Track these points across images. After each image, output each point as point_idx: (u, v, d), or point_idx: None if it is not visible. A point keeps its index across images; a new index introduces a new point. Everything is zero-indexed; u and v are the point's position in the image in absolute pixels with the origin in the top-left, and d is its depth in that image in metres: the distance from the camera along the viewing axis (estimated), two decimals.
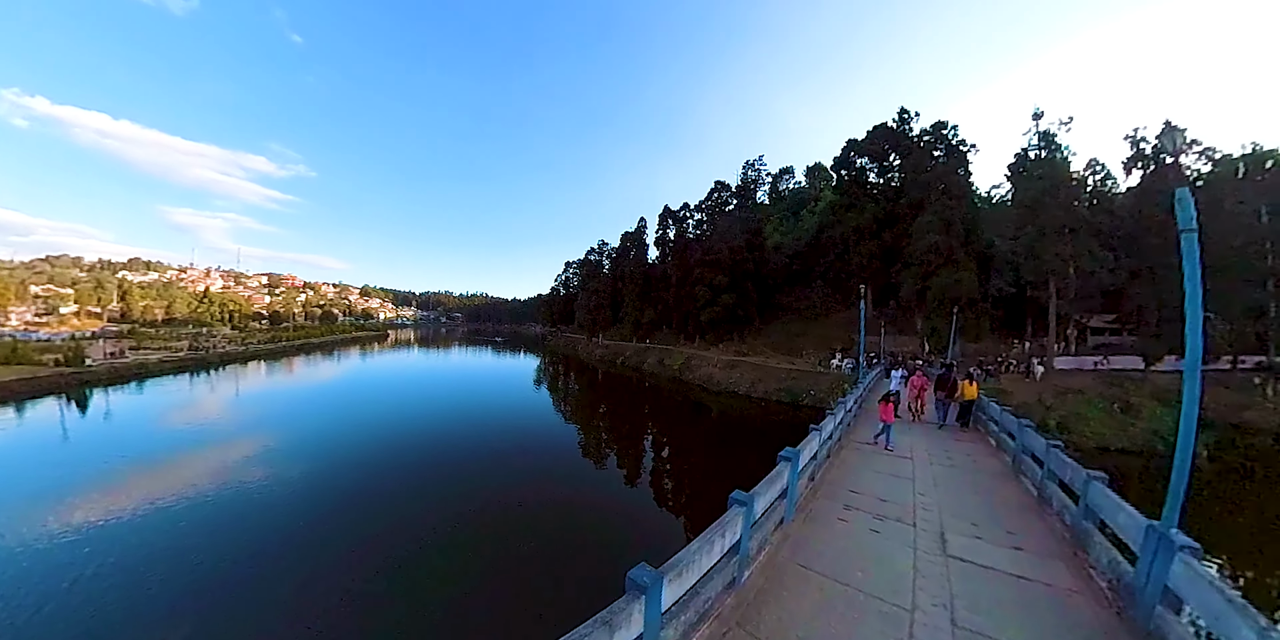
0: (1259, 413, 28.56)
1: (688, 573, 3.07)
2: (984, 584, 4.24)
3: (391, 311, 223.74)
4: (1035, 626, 3.75)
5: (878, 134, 43.29)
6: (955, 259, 32.22)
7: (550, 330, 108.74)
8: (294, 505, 13.07)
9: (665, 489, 15.77)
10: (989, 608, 3.92)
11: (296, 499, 13.50)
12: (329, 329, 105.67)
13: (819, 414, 31.85)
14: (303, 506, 13.00)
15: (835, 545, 4.69)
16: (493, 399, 32.91)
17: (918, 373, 11.57)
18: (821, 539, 4.79)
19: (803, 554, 4.42)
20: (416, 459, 17.60)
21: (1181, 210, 3.85)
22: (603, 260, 78.62)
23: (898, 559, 4.51)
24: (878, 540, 4.90)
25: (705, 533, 3.23)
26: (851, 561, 4.37)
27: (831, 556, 4.42)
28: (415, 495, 14.07)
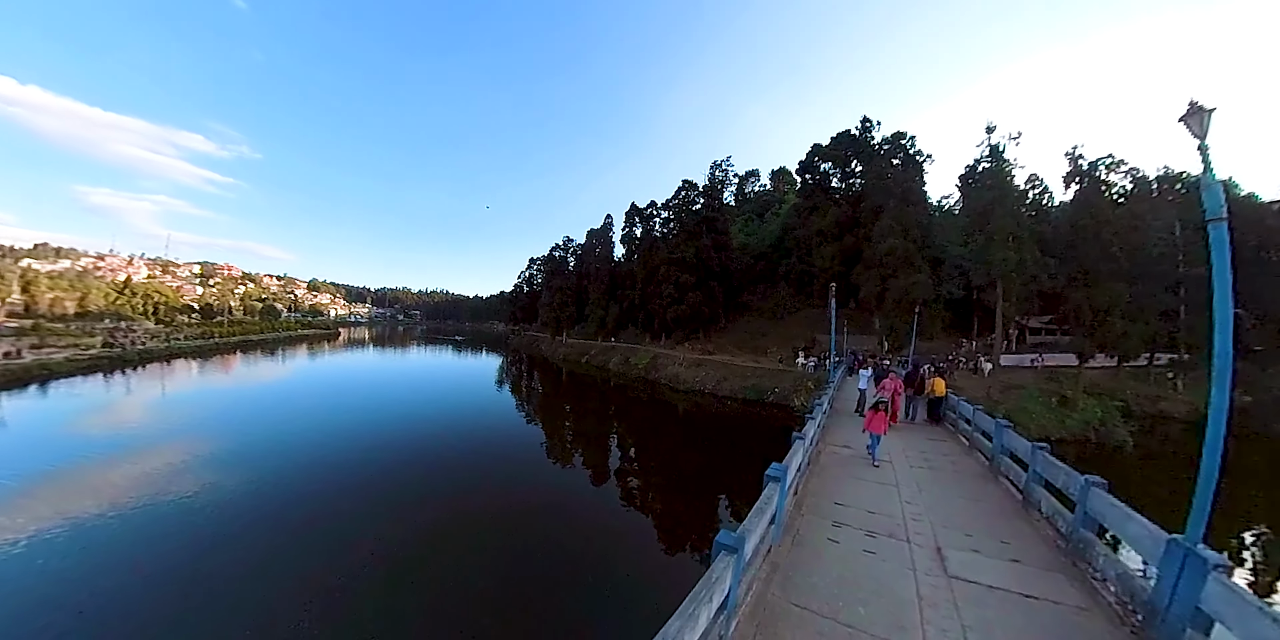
0: (1171, 403, 31.85)
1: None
2: (993, 609, 3.88)
3: (344, 308, 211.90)
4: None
5: (841, 141, 44.42)
6: (912, 262, 33.38)
7: (513, 329, 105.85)
8: (226, 523, 11.56)
9: (632, 488, 15.37)
10: (1001, 635, 3.57)
11: (230, 515, 11.97)
12: (271, 325, 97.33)
13: (784, 411, 32.29)
14: (237, 524, 11.52)
15: (830, 574, 4.21)
16: (452, 401, 31.13)
17: (890, 375, 11.32)
18: (814, 567, 4.29)
19: (796, 590, 3.89)
20: (368, 467, 16.20)
21: (1210, 199, 3.59)
22: (568, 257, 77.09)
23: (899, 586, 4.10)
24: (874, 564, 4.47)
25: (688, 602, 2.44)
26: (850, 594, 3.90)
27: (827, 590, 3.93)
28: (366, 506, 12.86)
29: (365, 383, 37.57)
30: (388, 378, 41.45)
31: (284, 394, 31.13)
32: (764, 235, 57.38)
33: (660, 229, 54.48)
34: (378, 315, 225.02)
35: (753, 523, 3.41)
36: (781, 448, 18.84)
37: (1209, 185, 3.65)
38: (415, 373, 46.26)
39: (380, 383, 37.82)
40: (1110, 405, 27.33)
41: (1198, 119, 3.62)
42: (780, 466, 4.25)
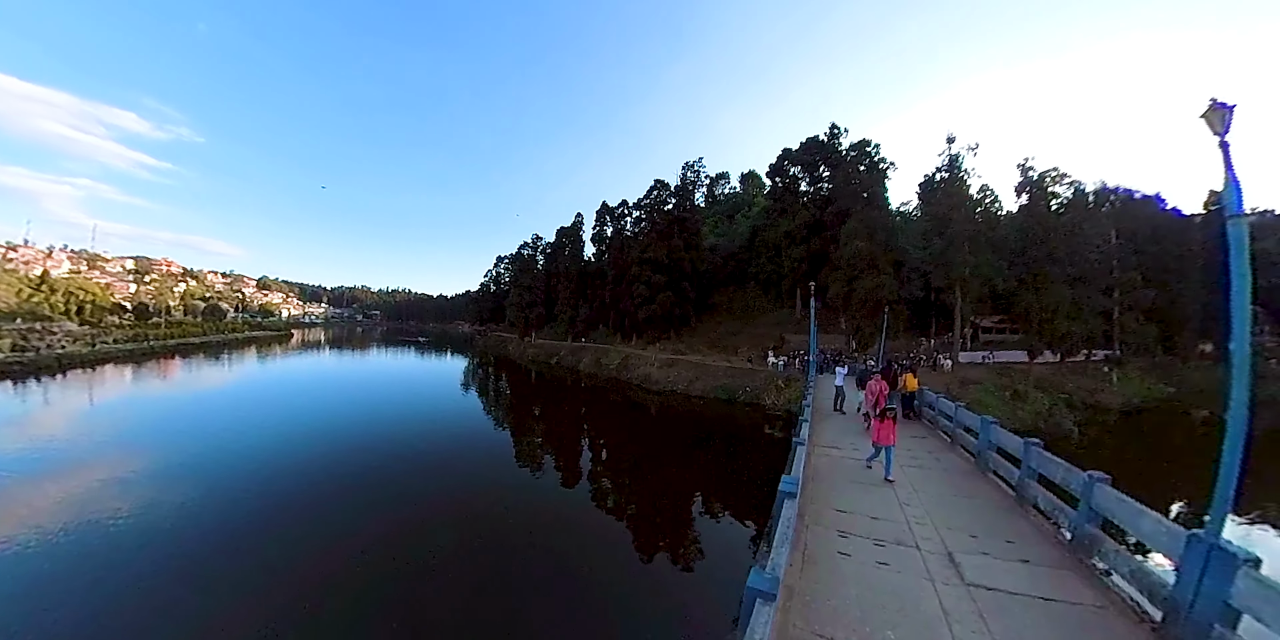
0: (1108, 395, 34.43)
1: None
2: (1017, 617, 3.74)
3: (297, 308, 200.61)
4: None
5: (810, 146, 45.47)
6: (877, 265, 34.44)
7: (479, 329, 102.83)
8: (164, 545, 10.30)
9: (605, 491, 15.03)
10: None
11: (169, 537, 10.69)
12: (215, 326, 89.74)
13: (755, 409, 32.56)
14: (180, 546, 10.31)
15: (849, 594, 3.93)
16: (415, 406, 29.53)
17: (874, 377, 11.04)
18: (831, 588, 3.99)
19: (818, 617, 3.56)
20: (324, 479, 14.97)
21: (1231, 197, 3.56)
22: (536, 255, 75.42)
23: (922, 602, 3.89)
24: (891, 577, 4.25)
25: None
26: (875, 616, 3.62)
27: (850, 613, 3.64)
28: (324, 520, 11.86)
29: (320, 388, 35.23)
30: (344, 382, 39.02)
31: (231, 402, 28.70)
32: (734, 236, 58.09)
33: (631, 228, 54.20)
34: (334, 316, 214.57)
35: (781, 555, 3.00)
36: (754, 446, 18.80)
37: (1228, 183, 3.64)
38: (374, 376, 43.79)
39: (336, 387, 35.59)
40: (1057, 398, 29.24)
41: (1218, 116, 3.63)
42: (792, 480, 3.93)
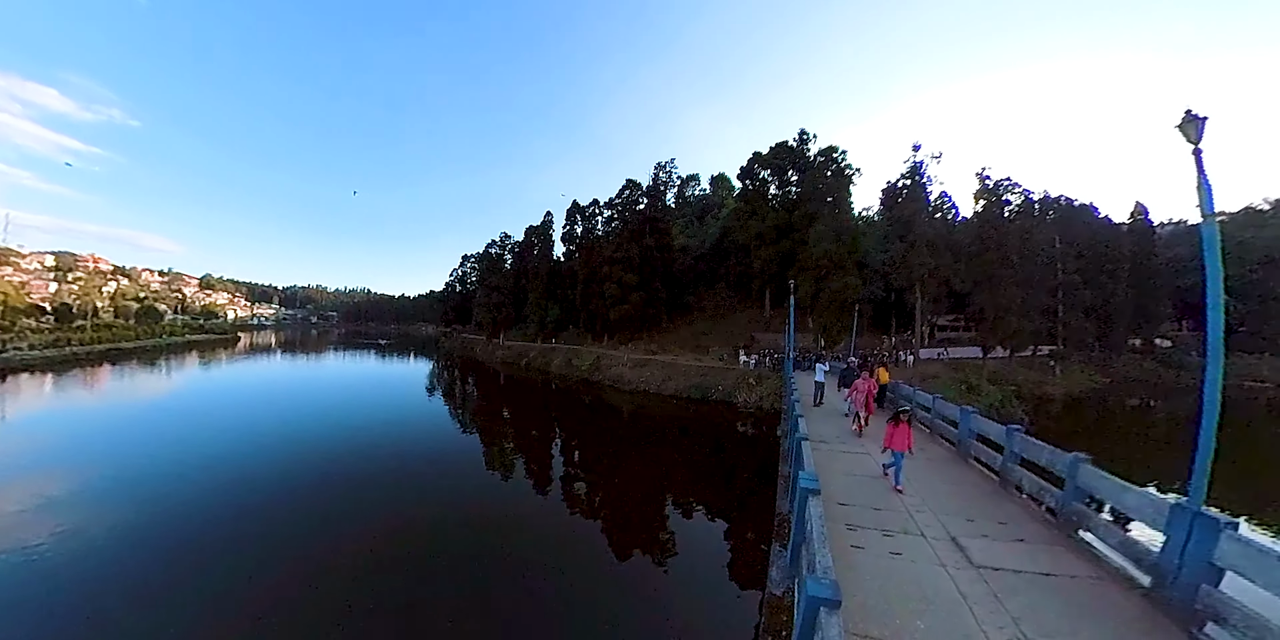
0: (1052, 386, 37.12)
1: None
2: (1027, 595, 3.90)
3: (245, 309, 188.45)
4: (1097, 628, 3.47)
5: (780, 151, 46.66)
6: (844, 266, 35.64)
7: (445, 331, 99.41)
8: (91, 576, 9.27)
9: (578, 493, 14.82)
10: (1049, 621, 3.57)
11: (98, 565, 9.62)
12: (151, 330, 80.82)
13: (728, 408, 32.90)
14: (114, 571, 9.33)
15: (872, 588, 3.95)
16: (378, 412, 27.72)
17: (862, 376, 10.65)
18: (854, 583, 3.97)
19: (849, 614, 3.52)
20: (278, 496, 13.76)
21: (1204, 198, 3.86)
22: (504, 254, 73.68)
23: (940, 588, 3.99)
24: (906, 566, 4.32)
25: None
26: (901, 606, 3.66)
27: (878, 607, 3.64)
28: (277, 538, 11.03)
29: (272, 396, 32.62)
30: (300, 389, 36.33)
31: (170, 414, 25.99)
32: (704, 237, 58.83)
33: (603, 228, 53.97)
34: (287, 317, 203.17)
35: (825, 557, 2.87)
36: (727, 443, 18.93)
37: (1200, 188, 3.98)
38: (333, 382, 41.08)
39: (290, 395, 33.11)
40: (1007, 390, 31.25)
41: (1193, 126, 4.04)
42: (811, 476, 3.92)
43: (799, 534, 3.64)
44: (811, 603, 2.17)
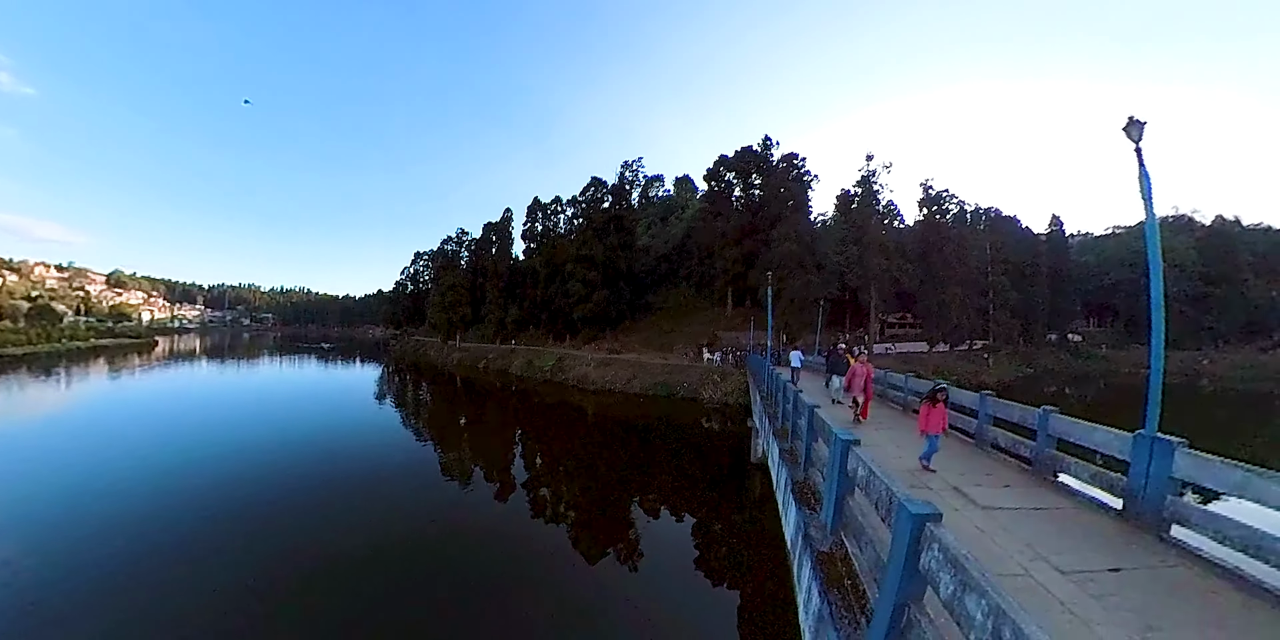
0: (986, 375, 40.73)
1: None
2: (1031, 525, 4.39)
3: (163, 310, 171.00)
4: (1089, 543, 3.97)
5: (745, 154, 48.25)
6: (805, 266, 37.27)
7: (395, 333, 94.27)
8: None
9: (543, 499, 14.32)
10: (1052, 542, 4.03)
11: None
12: (47, 333, 70.85)
13: (694, 404, 33.23)
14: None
15: None
16: (319, 425, 24.12)
17: (860, 359, 10.04)
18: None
19: None
20: (204, 520, 11.87)
21: (1144, 190, 4.46)
22: (461, 251, 70.80)
23: (961, 525, 4.35)
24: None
25: None
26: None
27: None
28: (204, 569, 9.54)
29: (198, 409, 27.87)
30: (229, 401, 31.25)
31: (69, 431, 21.90)
32: (668, 237, 59.64)
33: (565, 225, 53.54)
34: (214, 320, 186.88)
35: (894, 484, 2.91)
36: (697, 439, 19.16)
37: (1141, 179, 4.62)
38: (268, 392, 36.13)
39: (219, 408, 28.48)
40: (949, 380, 33.76)
41: (1136, 129, 4.86)
42: (845, 430, 4.07)
43: (843, 485, 3.84)
44: (916, 520, 2.32)
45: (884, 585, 2.58)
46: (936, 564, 2.16)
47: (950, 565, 2.04)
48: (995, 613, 1.66)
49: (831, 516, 4.07)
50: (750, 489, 15.91)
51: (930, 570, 2.21)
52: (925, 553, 2.29)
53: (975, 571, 1.88)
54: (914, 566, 2.38)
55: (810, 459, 5.78)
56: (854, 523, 3.64)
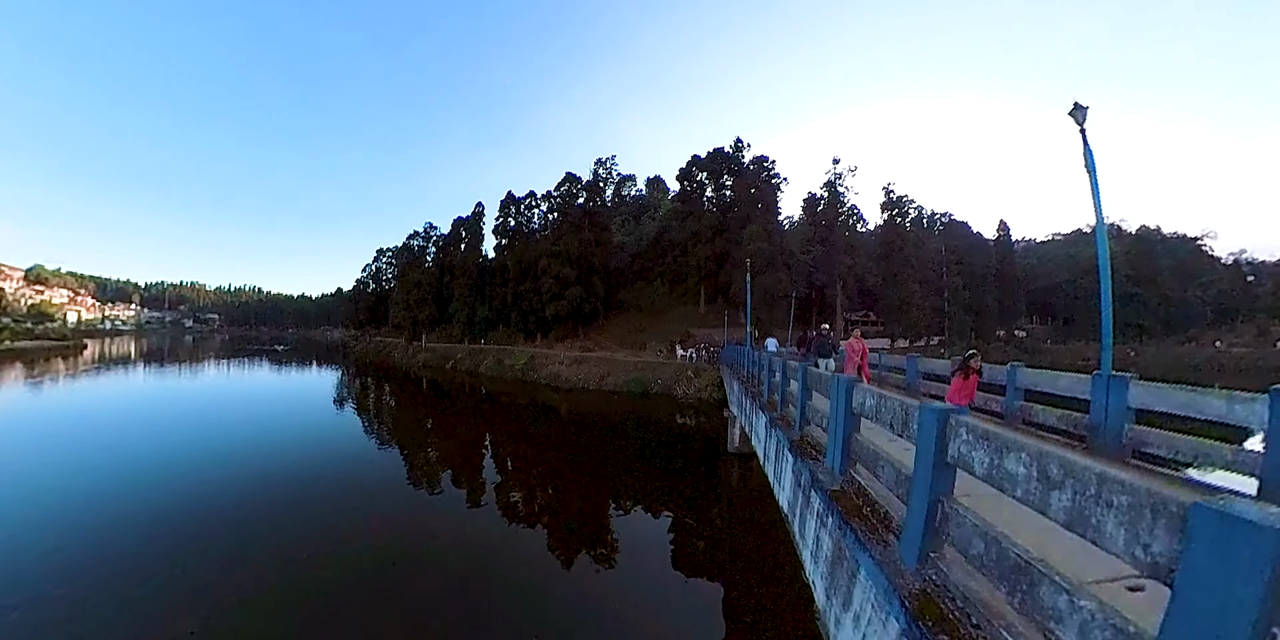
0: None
1: None
2: None
3: (93, 310, 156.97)
4: None
5: (717, 156, 49.32)
6: (774, 263, 38.38)
7: (355, 334, 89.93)
8: None
9: (515, 502, 13.91)
10: None
11: None
12: None
13: (668, 400, 33.37)
14: None
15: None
16: (274, 435, 21.74)
17: (855, 334, 9.68)
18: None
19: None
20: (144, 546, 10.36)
21: (1089, 163, 5.00)
22: (428, 247, 68.46)
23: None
24: None
25: None
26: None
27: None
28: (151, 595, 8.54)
29: (135, 421, 24.39)
30: (170, 413, 27.00)
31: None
32: (641, 236, 60.04)
33: (539, 221, 53.05)
34: (151, 320, 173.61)
35: (907, 402, 3.22)
36: (671, 435, 19.14)
37: (1087, 159, 5.20)
38: (214, 401, 32.08)
39: (161, 420, 24.85)
40: None
41: (1080, 112, 5.56)
42: (844, 378, 4.32)
43: (849, 423, 4.10)
44: (940, 415, 2.55)
45: (914, 489, 2.80)
46: (967, 446, 2.40)
47: (983, 440, 2.27)
48: (1037, 458, 1.88)
49: (840, 457, 4.31)
50: (727, 480, 16.07)
51: (960, 455, 2.45)
52: (953, 442, 2.52)
53: (1008, 437, 2.11)
54: (943, 460, 2.61)
55: (806, 417, 6.04)
56: (865, 453, 3.89)
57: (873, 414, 3.68)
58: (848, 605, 3.76)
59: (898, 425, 3.28)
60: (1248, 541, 1.09)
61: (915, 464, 2.79)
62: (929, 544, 2.71)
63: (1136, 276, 58.59)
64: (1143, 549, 1.38)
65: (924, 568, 2.71)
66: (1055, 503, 1.74)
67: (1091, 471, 1.62)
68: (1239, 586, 1.09)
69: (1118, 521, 1.47)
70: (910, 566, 2.79)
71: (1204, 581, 1.17)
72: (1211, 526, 1.16)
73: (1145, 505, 1.38)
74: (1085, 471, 1.64)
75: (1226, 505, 1.15)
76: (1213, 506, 1.16)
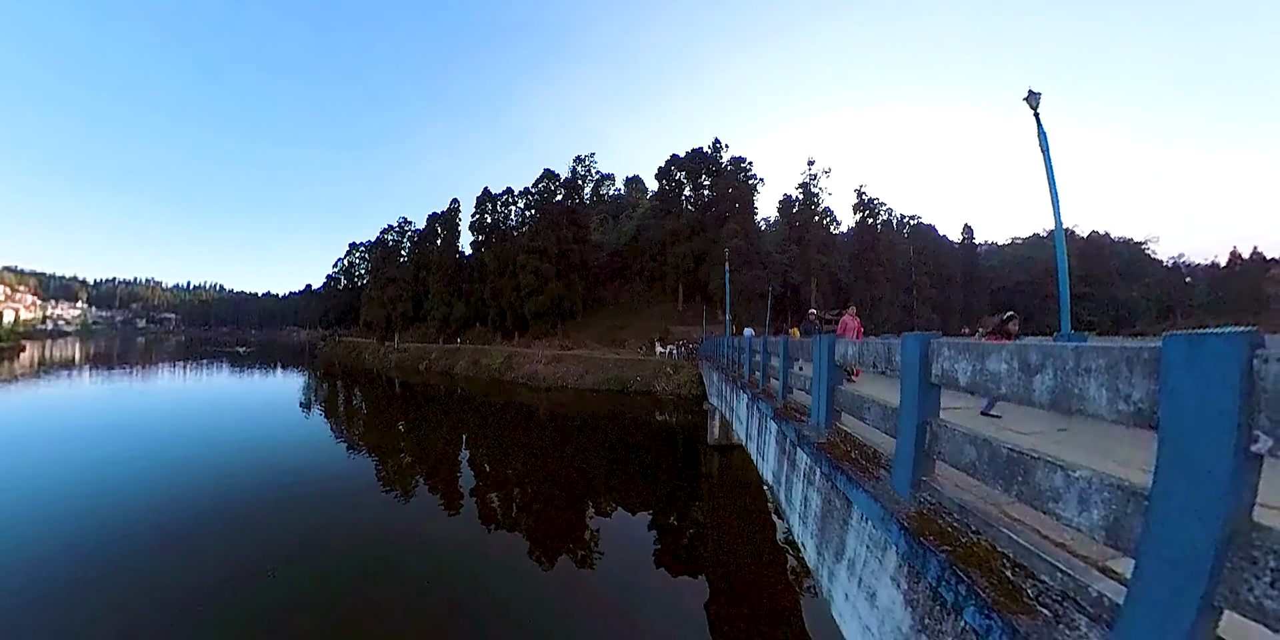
0: None
1: None
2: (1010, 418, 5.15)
3: (33, 309, 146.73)
4: (1031, 417, 4.76)
5: (695, 156, 49.88)
6: (751, 261, 39.00)
7: (325, 334, 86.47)
8: None
9: (493, 506, 13.53)
10: (1009, 422, 4.71)
11: None
12: None
13: (648, 397, 33.28)
14: None
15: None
16: (235, 446, 19.24)
17: (850, 312, 9.36)
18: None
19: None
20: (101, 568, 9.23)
21: (1045, 159, 5.33)
22: (403, 242, 66.59)
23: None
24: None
25: None
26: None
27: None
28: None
29: (65, 433, 20.84)
30: (120, 425, 23.06)
31: None
32: (620, 235, 60.11)
33: (516, 218, 52.50)
34: (100, 320, 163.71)
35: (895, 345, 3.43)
36: (651, 431, 19.57)
37: (1041, 140, 5.55)
38: (169, 410, 27.99)
39: (94, 430, 21.56)
40: None
41: (1034, 98, 6.16)
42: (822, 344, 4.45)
43: (833, 376, 4.24)
44: (921, 341, 2.66)
45: (903, 415, 2.89)
46: (949, 362, 2.51)
47: (964, 353, 2.38)
48: (1017, 352, 1.98)
49: (825, 411, 4.42)
50: (708, 473, 16.14)
51: (944, 372, 2.55)
52: (936, 363, 2.63)
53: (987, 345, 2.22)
54: (927, 383, 2.71)
55: (788, 385, 6.17)
56: (850, 400, 4.00)
57: (855, 359, 3.78)
58: (840, 555, 3.84)
59: (880, 363, 3.39)
60: (1214, 354, 1.19)
61: (901, 390, 2.90)
62: (921, 468, 2.81)
63: (1088, 277, 61.93)
64: (1125, 401, 1.48)
65: (918, 492, 2.81)
66: (1038, 386, 1.84)
67: (1068, 350, 1.72)
68: (1217, 395, 1.18)
69: (1099, 383, 1.57)
70: (904, 493, 2.88)
71: (1184, 405, 1.27)
72: (1182, 351, 1.26)
73: (1121, 360, 1.49)
74: (1062, 351, 1.75)
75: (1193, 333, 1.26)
76: (1182, 334, 1.27)
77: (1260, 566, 1.11)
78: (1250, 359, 1.15)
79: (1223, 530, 1.16)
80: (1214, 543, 1.17)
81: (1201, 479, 1.21)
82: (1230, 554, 1.16)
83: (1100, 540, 1.56)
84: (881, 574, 3.10)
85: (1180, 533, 1.25)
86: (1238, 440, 1.15)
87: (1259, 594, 1.10)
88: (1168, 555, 1.28)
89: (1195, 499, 1.22)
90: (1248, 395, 1.14)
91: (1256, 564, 1.11)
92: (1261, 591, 1.10)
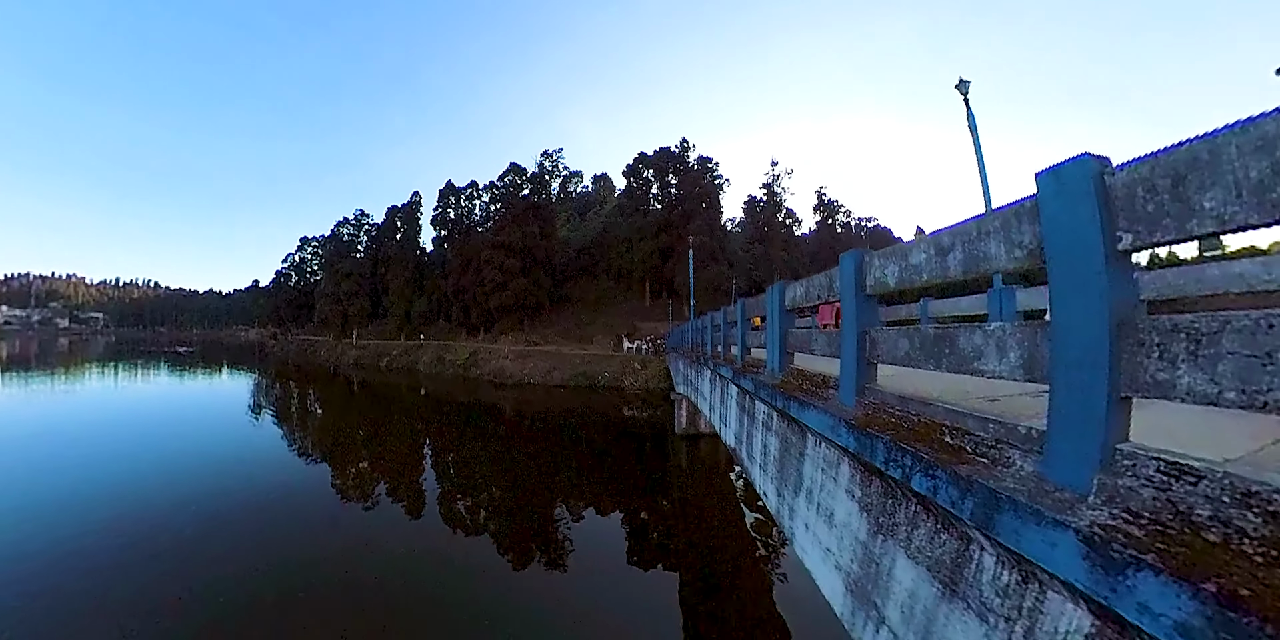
0: None
1: None
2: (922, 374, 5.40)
3: None
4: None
5: (663, 154, 50.38)
6: (717, 257, 39.74)
7: (275, 332, 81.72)
8: None
9: (459, 510, 13.09)
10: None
11: None
12: None
13: (616, 393, 33.03)
14: None
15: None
16: (176, 460, 16.37)
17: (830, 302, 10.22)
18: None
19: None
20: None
21: (974, 139, 5.79)
22: (360, 236, 64.10)
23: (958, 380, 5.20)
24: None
25: None
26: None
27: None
28: None
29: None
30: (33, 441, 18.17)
31: None
32: (587, 231, 59.93)
33: (481, 212, 51.47)
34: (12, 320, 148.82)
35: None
36: (619, 427, 19.15)
37: (969, 117, 6.01)
38: (93, 421, 22.77)
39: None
40: None
41: (964, 86, 6.68)
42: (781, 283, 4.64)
43: (784, 321, 4.49)
44: (856, 257, 2.94)
45: (844, 328, 3.07)
46: (879, 270, 2.71)
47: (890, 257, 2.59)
48: (933, 240, 2.17)
49: (778, 356, 4.60)
50: (677, 464, 16.29)
51: (877, 280, 2.75)
52: (869, 273, 2.83)
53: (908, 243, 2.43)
54: (863, 293, 2.91)
55: (746, 346, 6.39)
56: (799, 339, 4.19)
57: (803, 297, 3.97)
58: (799, 487, 3.98)
59: (823, 292, 3.59)
60: (1074, 176, 1.40)
61: (842, 305, 3.08)
62: (864, 376, 2.99)
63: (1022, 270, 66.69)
64: (1019, 248, 1.67)
65: (863, 398, 2.98)
66: (951, 262, 2.03)
67: (970, 224, 1.92)
68: (1083, 209, 1.37)
69: (997, 240, 1.76)
70: (850, 402, 3.06)
71: (1061, 226, 1.46)
72: (1050, 181, 1.48)
73: (1011, 215, 1.69)
74: (965, 226, 1.94)
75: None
76: (1047, 169, 1.48)
77: (1149, 346, 1.23)
78: (1101, 174, 1.34)
79: (1111, 322, 1.30)
80: (1107, 334, 1.30)
81: (1087, 283, 1.36)
82: (1122, 341, 1.29)
83: (1021, 379, 1.68)
84: (836, 491, 3.23)
85: (1078, 336, 1.39)
86: (1106, 243, 1.33)
87: (1153, 371, 1.22)
88: (1073, 358, 1.40)
89: (1084, 303, 1.37)
90: (1105, 204, 1.34)
91: (1144, 345, 1.23)
92: (1155, 368, 1.22)
